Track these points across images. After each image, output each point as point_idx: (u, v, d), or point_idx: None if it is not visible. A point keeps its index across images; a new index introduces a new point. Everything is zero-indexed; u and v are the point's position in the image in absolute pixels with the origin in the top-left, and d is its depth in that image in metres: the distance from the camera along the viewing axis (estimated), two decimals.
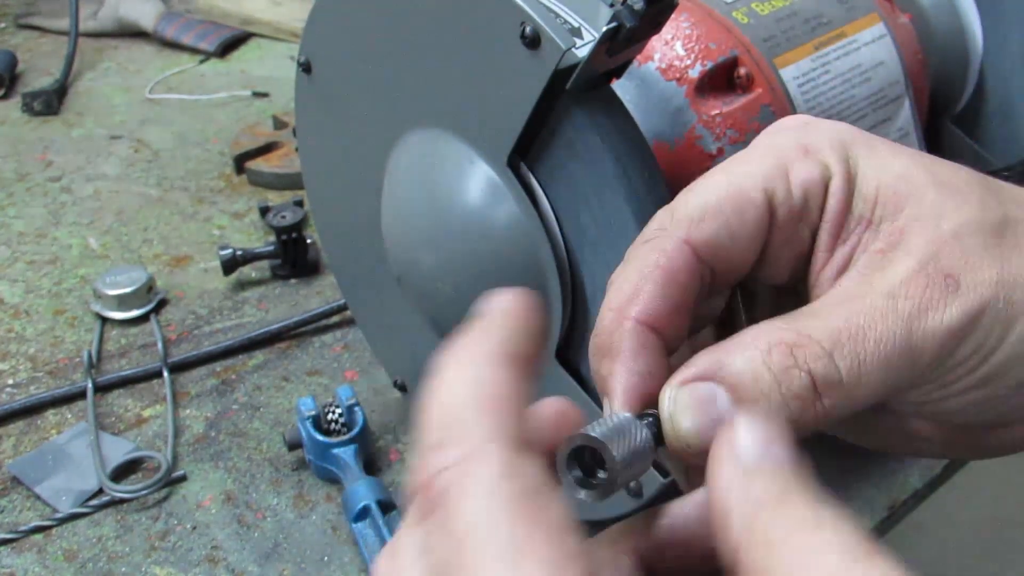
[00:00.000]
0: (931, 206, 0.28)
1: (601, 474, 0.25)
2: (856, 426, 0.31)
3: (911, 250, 0.27)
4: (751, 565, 0.21)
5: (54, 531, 0.59)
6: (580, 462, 0.26)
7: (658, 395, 0.27)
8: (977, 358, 0.27)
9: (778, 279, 0.31)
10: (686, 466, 0.28)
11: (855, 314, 0.27)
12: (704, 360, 0.27)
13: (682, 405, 0.26)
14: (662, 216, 0.30)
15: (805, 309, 0.28)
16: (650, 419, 0.27)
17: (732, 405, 0.26)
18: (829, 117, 0.44)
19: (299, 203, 0.81)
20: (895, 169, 0.29)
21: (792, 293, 0.31)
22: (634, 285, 0.28)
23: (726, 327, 0.29)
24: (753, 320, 0.29)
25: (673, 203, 0.30)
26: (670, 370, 0.28)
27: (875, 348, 0.26)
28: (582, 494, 0.25)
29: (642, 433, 0.26)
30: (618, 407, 0.27)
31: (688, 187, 0.30)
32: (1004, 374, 0.28)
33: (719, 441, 0.23)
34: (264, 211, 0.82)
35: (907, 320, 0.27)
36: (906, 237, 0.28)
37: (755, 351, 0.26)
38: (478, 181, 0.46)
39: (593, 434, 0.25)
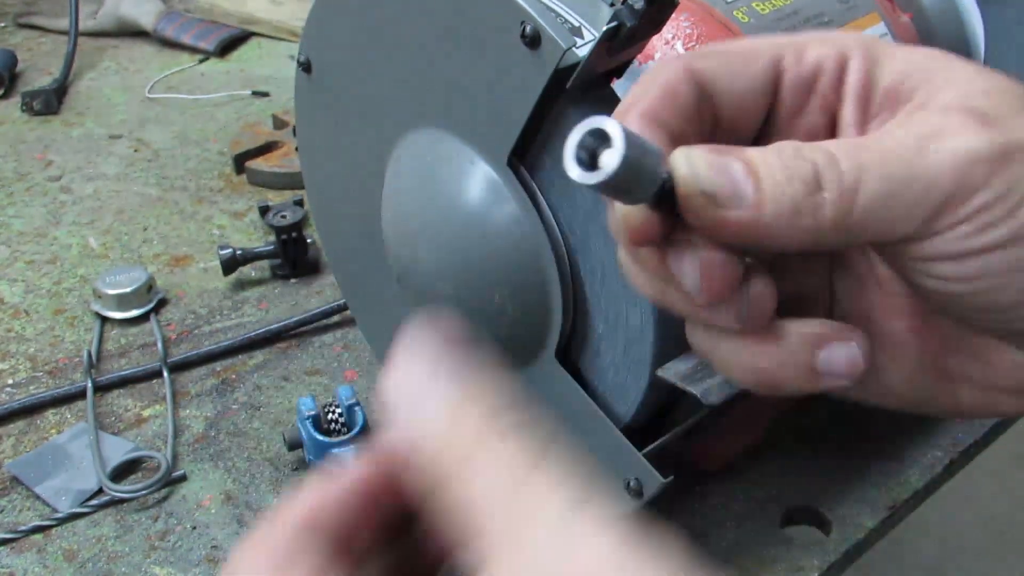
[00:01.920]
0: (964, 72, 0.28)
1: (608, 157, 0.26)
2: (888, 371, 0.31)
3: (941, 100, 0.27)
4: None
5: (54, 531, 0.59)
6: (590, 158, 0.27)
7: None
8: (1008, 202, 0.25)
9: None
10: (697, 265, 0.28)
11: (870, 137, 0.27)
12: (719, 145, 0.28)
13: (698, 155, 0.27)
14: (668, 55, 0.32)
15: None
16: (677, 218, 0.27)
17: (745, 171, 0.26)
18: None
19: (299, 203, 0.81)
20: (921, 51, 0.29)
21: None
22: (634, 95, 0.30)
23: None
24: None
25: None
26: None
27: (879, 157, 0.26)
28: (586, 175, 0.27)
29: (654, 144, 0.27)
30: (633, 124, 0.29)
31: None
32: None
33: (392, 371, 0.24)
34: (264, 211, 0.82)
35: (920, 139, 0.26)
36: (937, 93, 0.27)
37: (767, 147, 0.27)
38: (478, 181, 0.46)
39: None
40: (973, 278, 0.26)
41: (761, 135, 0.31)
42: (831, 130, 0.31)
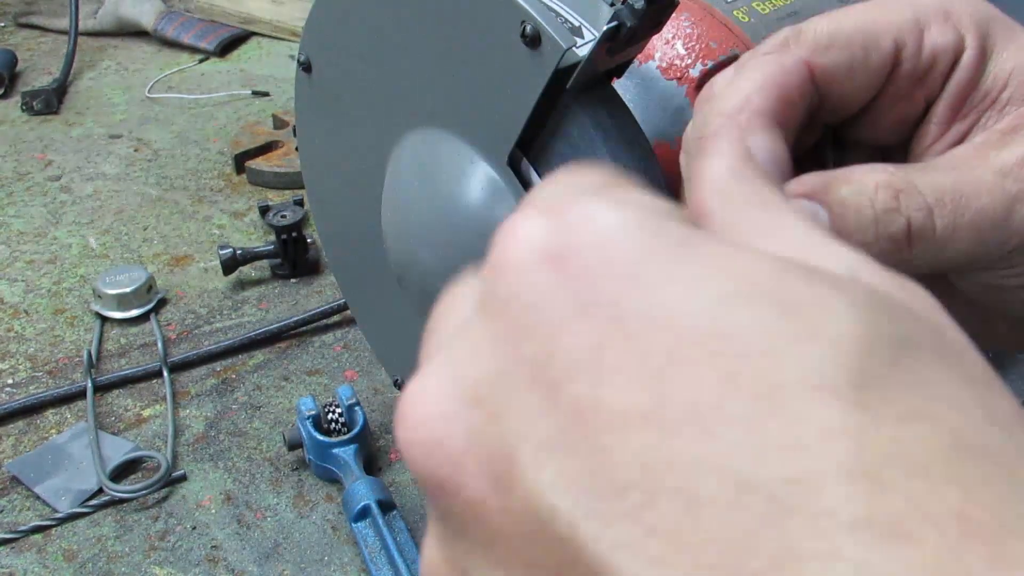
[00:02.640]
0: None
1: None
2: None
3: None
4: (715, 214, 0.21)
5: (54, 531, 0.59)
6: None
7: None
8: None
9: (877, 137, 0.31)
10: None
11: (963, 181, 0.27)
12: (814, 179, 0.27)
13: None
14: (787, 32, 0.29)
15: (915, 164, 0.28)
16: None
17: (828, 220, 0.27)
18: None
19: (299, 202, 0.81)
20: None
21: (885, 159, 0.31)
22: (745, 94, 0.28)
23: (805, 168, 0.29)
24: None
25: (802, 24, 0.29)
26: None
27: (973, 217, 0.27)
28: None
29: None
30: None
31: (820, 14, 0.30)
32: None
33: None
34: (264, 210, 0.82)
35: (1011, 200, 0.27)
36: None
37: (864, 185, 0.27)
38: (478, 180, 0.46)
39: None
40: (1016, 299, 0.29)
41: (859, 113, 0.31)
42: (921, 118, 0.30)
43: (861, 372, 0.16)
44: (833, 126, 0.31)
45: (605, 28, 0.39)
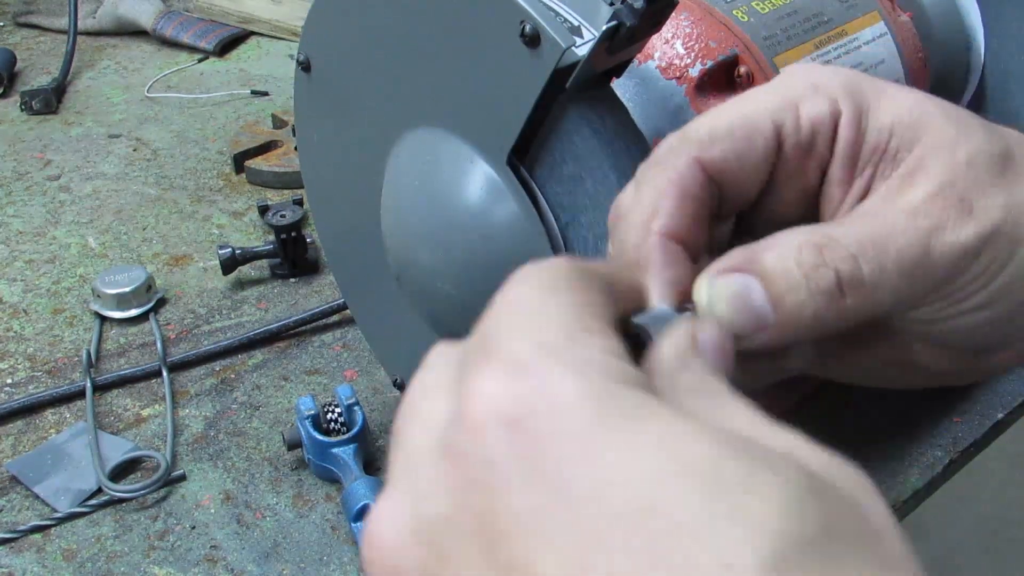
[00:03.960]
0: (945, 136, 0.30)
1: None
2: (859, 359, 0.33)
3: (930, 175, 0.29)
4: (665, 397, 0.22)
5: (53, 531, 0.58)
6: None
7: (691, 294, 0.29)
8: (985, 278, 0.29)
9: (783, 214, 0.32)
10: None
11: (879, 226, 0.29)
12: (739, 254, 0.29)
13: (719, 294, 0.28)
14: (671, 139, 0.31)
15: (830, 222, 0.30)
16: (687, 312, 0.29)
17: (766, 298, 0.28)
18: None
19: (298, 202, 0.81)
20: (907, 103, 0.31)
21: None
22: (652, 202, 0.30)
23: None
24: None
25: (684, 127, 0.31)
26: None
27: (896, 256, 0.28)
28: None
29: (682, 319, 0.28)
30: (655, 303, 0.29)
31: (698, 116, 0.32)
32: (1008, 295, 0.30)
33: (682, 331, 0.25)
34: (263, 210, 0.82)
35: (926, 235, 0.29)
36: (925, 163, 0.30)
37: (786, 248, 0.28)
38: (477, 180, 0.46)
39: (635, 320, 0.27)
40: (953, 330, 0.31)
41: (760, 195, 0.32)
42: (820, 186, 0.32)
43: (775, 556, 0.17)
44: (740, 214, 0.33)
45: (604, 28, 0.39)
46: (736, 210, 0.32)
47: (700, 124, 0.31)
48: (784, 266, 0.28)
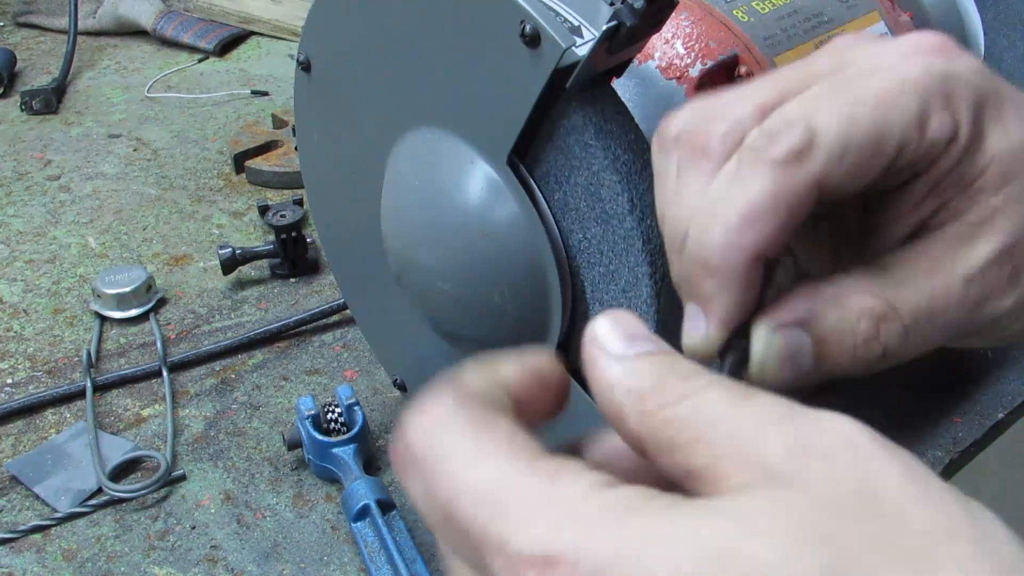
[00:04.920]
0: (1014, 195, 0.29)
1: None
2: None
3: (997, 231, 0.29)
4: (662, 444, 0.22)
5: (53, 531, 0.58)
6: None
7: (746, 322, 0.28)
8: (1015, 317, 0.30)
9: (847, 208, 0.32)
10: None
11: (936, 297, 0.28)
12: (801, 306, 0.28)
13: (774, 352, 0.28)
14: (800, 138, 0.27)
15: (894, 272, 0.29)
16: (737, 349, 0.29)
17: (812, 355, 0.28)
18: None
19: (298, 202, 0.81)
20: (1013, 142, 0.29)
21: (838, 217, 0.32)
22: (749, 210, 0.26)
23: None
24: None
25: (814, 124, 0.27)
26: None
27: (941, 333, 0.29)
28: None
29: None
30: (714, 332, 0.28)
31: (835, 88, 0.28)
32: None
33: (588, 350, 0.24)
34: (263, 210, 0.82)
35: (973, 307, 0.29)
36: (995, 218, 0.29)
37: (848, 313, 0.28)
38: (478, 180, 0.46)
39: None
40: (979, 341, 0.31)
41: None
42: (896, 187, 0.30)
43: None
44: None
45: (604, 27, 0.39)
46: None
47: (836, 127, 0.27)
48: (841, 332, 0.28)
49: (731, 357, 0.28)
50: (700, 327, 0.28)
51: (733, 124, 0.28)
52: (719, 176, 0.28)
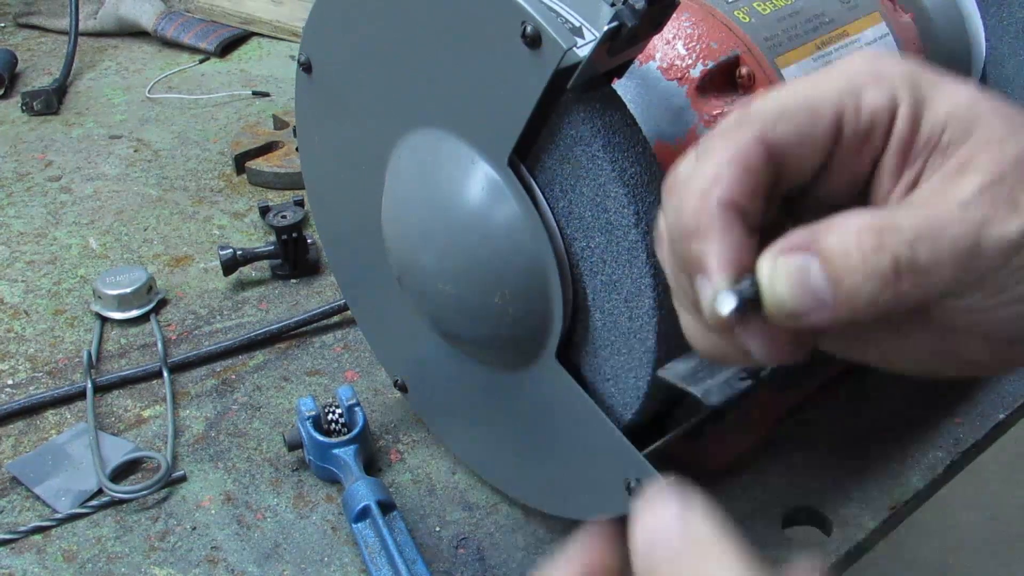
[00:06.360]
0: (995, 132, 0.31)
1: None
2: (898, 346, 0.34)
3: (980, 170, 0.30)
4: None
5: (53, 531, 0.58)
6: None
7: (751, 267, 0.30)
8: (1021, 273, 0.30)
9: (831, 200, 0.33)
10: (767, 341, 0.31)
11: (934, 216, 0.30)
12: (800, 234, 0.30)
13: (780, 272, 0.30)
14: (736, 113, 0.32)
15: (889, 207, 0.31)
16: (746, 285, 0.30)
17: (825, 278, 0.29)
18: None
19: (299, 203, 0.81)
20: (962, 98, 0.31)
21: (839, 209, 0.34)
22: (713, 172, 0.31)
23: (768, 237, 0.32)
24: None
25: (749, 103, 0.32)
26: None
27: (951, 245, 0.29)
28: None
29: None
30: (717, 280, 0.30)
31: (766, 92, 0.33)
32: None
33: (640, 518, 0.26)
34: (264, 211, 0.82)
35: (977, 227, 0.30)
36: (975, 159, 0.30)
37: (847, 230, 0.30)
38: (478, 181, 0.46)
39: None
40: (992, 320, 0.31)
41: (812, 179, 0.33)
42: (871, 173, 0.33)
43: None
44: (788, 197, 0.34)
45: (606, 28, 0.39)
46: (786, 192, 0.33)
47: (765, 102, 0.32)
48: (844, 248, 0.29)
49: (745, 295, 0.30)
50: (707, 285, 0.31)
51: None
52: (684, 162, 0.32)
